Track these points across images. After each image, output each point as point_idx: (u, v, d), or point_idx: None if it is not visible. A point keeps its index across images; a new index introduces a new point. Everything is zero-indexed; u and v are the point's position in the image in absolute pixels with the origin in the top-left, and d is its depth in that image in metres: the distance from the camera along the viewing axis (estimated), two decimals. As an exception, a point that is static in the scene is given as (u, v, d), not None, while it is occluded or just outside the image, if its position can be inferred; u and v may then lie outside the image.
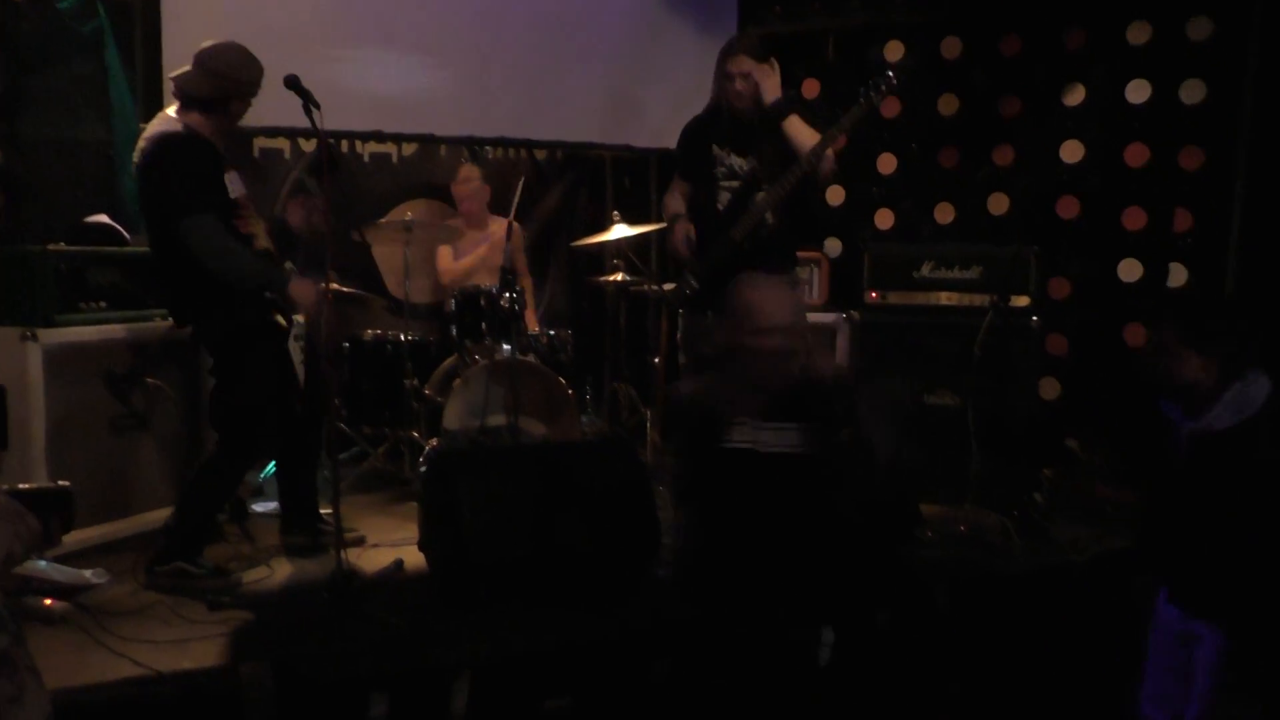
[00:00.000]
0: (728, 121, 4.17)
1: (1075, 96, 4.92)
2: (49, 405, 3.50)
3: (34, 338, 3.47)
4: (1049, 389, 4.95)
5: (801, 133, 3.96)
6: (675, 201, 4.31)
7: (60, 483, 1.71)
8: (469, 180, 5.29)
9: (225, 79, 3.42)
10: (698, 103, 4.32)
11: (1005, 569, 3.69)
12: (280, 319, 3.56)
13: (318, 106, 3.26)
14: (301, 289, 3.44)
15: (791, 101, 4.03)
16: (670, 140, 4.41)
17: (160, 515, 3.81)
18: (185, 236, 3.32)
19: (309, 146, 5.11)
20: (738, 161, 4.17)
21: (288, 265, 3.63)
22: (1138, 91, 4.76)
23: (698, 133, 4.23)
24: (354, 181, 5.42)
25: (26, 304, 3.60)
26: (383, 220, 4.89)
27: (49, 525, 1.72)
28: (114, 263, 3.87)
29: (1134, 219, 4.79)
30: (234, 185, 3.52)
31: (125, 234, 4.12)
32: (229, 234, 3.38)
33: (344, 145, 5.33)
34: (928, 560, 3.70)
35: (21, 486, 1.69)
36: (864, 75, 5.39)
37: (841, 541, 3.09)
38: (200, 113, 3.44)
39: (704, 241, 4.16)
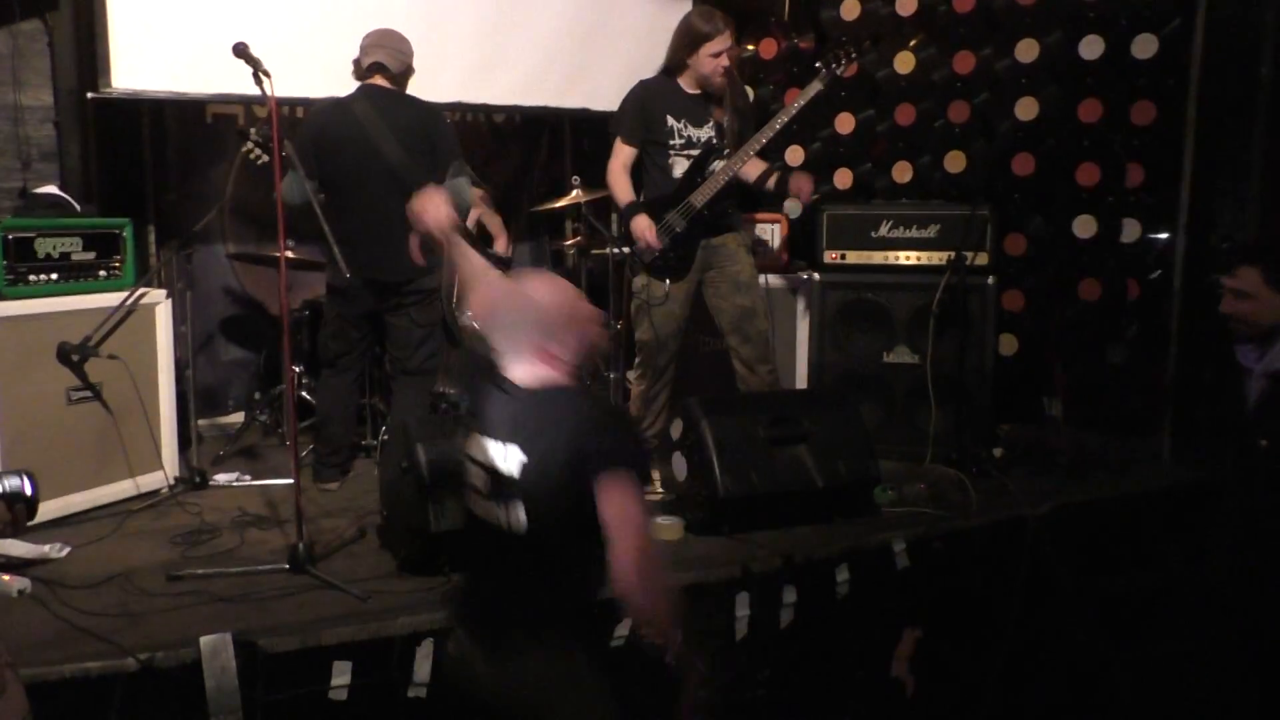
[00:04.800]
0: (680, 92, 4.15)
1: (1029, 52, 4.89)
2: (2, 378, 3.44)
3: (-17, 311, 3.40)
4: (1006, 345, 4.97)
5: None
6: (623, 182, 4.23)
7: (24, 471, 1.72)
8: None
9: (410, 55, 4.01)
10: (653, 65, 4.27)
11: (963, 524, 3.70)
12: None
13: (268, 75, 3.20)
14: None
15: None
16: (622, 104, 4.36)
17: (117, 488, 3.78)
18: (458, 189, 3.87)
19: (265, 113, 5.01)
20: (695, 132, 4.16)
21: None
22: (1091, 47, 4.74)
23: (651, 100, 4.19)
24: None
25: (-26, 277, 3.52)
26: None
27: (14, 512, 1.74)
28: (64, 234, 3.77)
29: (1088, 175, 4.79)
30: None
31: (75, 204, 4.03)
32: None
33: (299, 111, 5.22)
34: (887, 517, 3.71)
35: None
36: (820, 34, 5.40)
37: None
38: (404, 85, 4.02)
39: (661, 207, 4.14)
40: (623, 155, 4.24)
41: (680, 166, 4.17)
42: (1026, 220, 4.95)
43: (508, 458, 2.17)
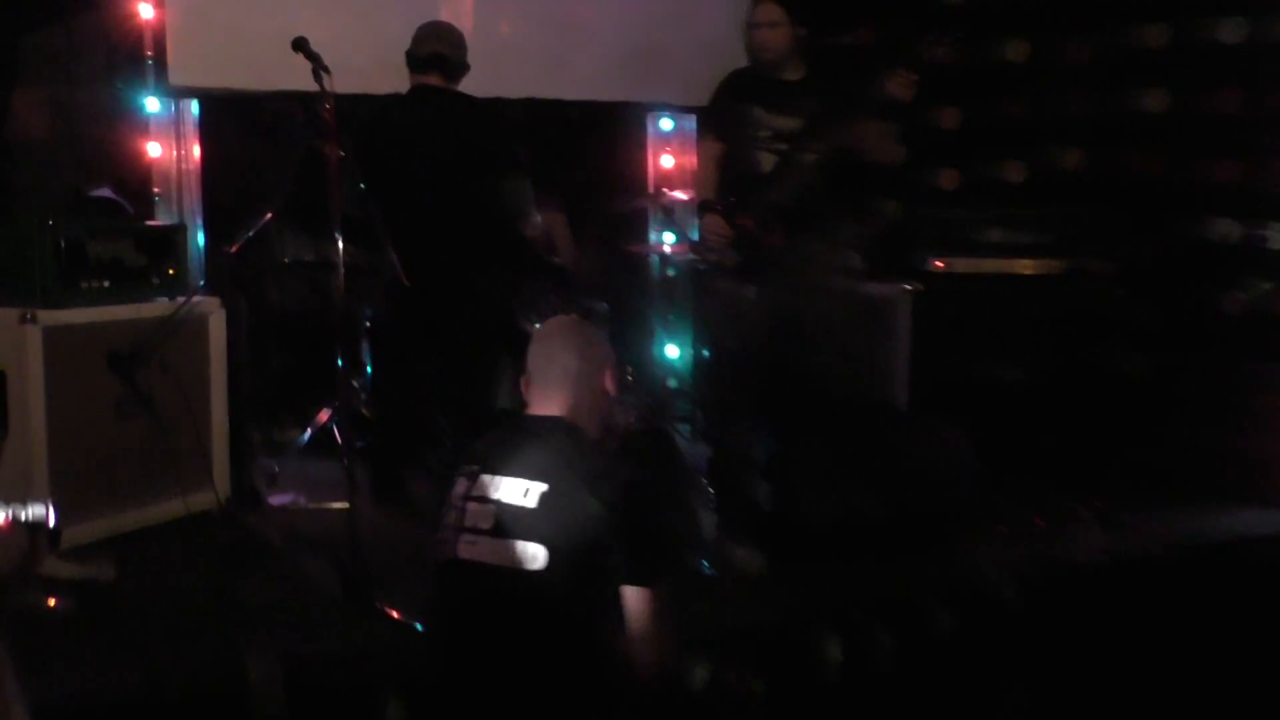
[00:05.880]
0: (771, 80, 4.14)
1: (1158, 36, 4.79)
2: (49, 389, 3.56)
3: (33, 319, 3.53)
4: (1134, 363, 4.87)
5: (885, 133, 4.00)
6: (706, 180, 4.26)
7: (47, 503, 1.81)
8: None
9: (466, 49, 4.10)
10: (739, 54, 4.29)
11: (1084, 563, 3.67)
12: None
13: (328, 71, 3.29)
14: None
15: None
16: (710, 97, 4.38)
17: (167, 507, 3.88)
18: (515, 193, 4.04)
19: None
20: (783, 123, 4.14)
21: None
22: (1230, 29, 4.62)
23: (737, 91, 4.20)
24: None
25: (25, 283, 3.66)
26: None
27: (35, 541, 1.82)
28: (117, 238, 3.90)
29: (1227, 172, 4.68)
30: None
31: (129, 207, 4.17)
32: None
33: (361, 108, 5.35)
34: (997, 556, 3.68)
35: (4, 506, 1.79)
36: (921, 18, 5.34)
37: None
38: (458, 81, 4.10)
39: (743, 205, 4.14)
40: (708, 152, 4.27)
41: (768, 161, 4.16)
42: (1157, 224, 4.85)
43: (529, 491, 2.29)
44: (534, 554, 2.24)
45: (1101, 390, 4.43)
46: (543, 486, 2.29)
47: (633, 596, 2.25)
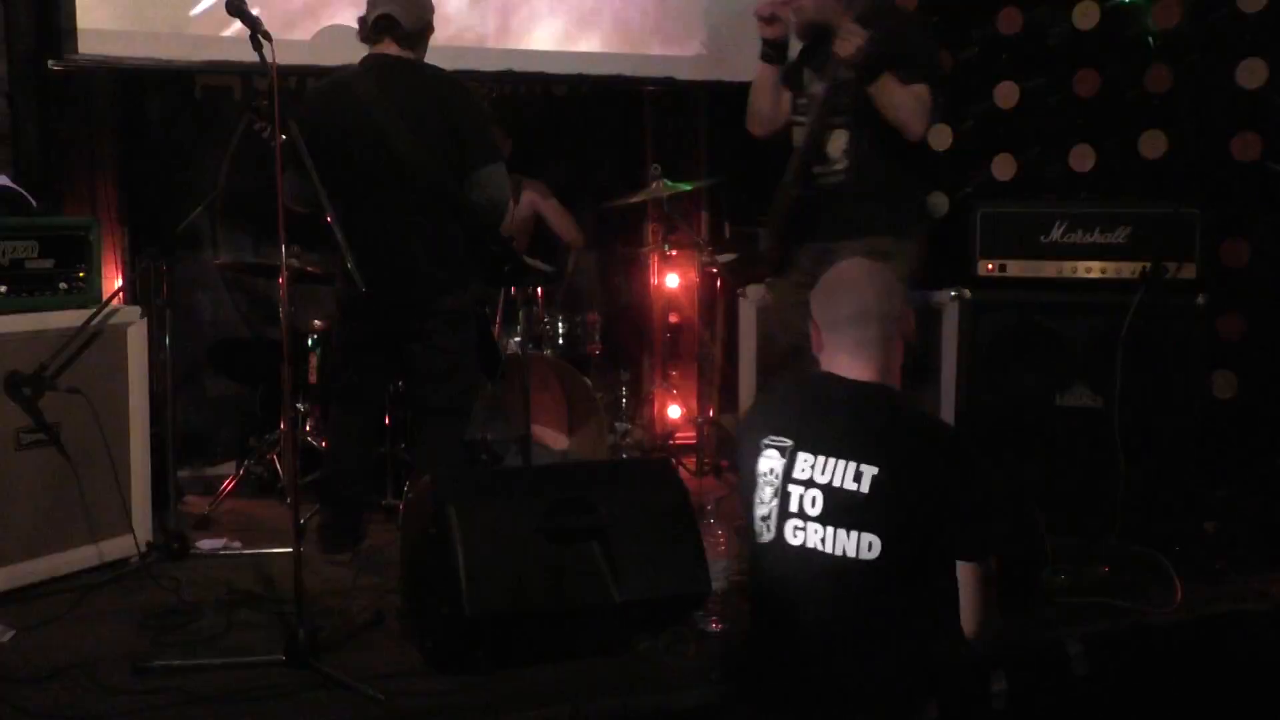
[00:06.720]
0: (824, 36, 4.08)
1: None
2: (-65, 418, 3.55)
3: (-86, 332, 3.53)
4: (1222, 385, 4.86)
5: (895, 98, 3.82)
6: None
7: None
8: None
9: (428, 10, 4.09)
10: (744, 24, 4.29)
11: (1162, 620, 3.64)
12: None
13: (268, 37, 3.27)
14: None
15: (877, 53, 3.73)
16: (725, 71, 4.38)
17: (76, 555, 3.86)
18: (491, 183, 3.97)
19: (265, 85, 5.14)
20: (815, 89, 4.10)
21: None
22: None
23: (803, 50, 4.17)
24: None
25: (-94, 291, 3.65)
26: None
27: None
28: (16, 236, 3.86)
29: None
30: None
31: (33, 200, 4.15)
32: None
33: (309, 83, 5.34)
34: (1059, 610, 3.67)
35: None
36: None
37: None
38: (420, 50, 4.09)
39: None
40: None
41: (797, 135, 4.14)
42: (1251, 222, 4.85)
43: (860, 475, 2.49)
44: (868, 543, 2.47)
45: (1180, 414, 4.40)
46: (873, 470, 2.48)
47: (964, 570, 2.52)
